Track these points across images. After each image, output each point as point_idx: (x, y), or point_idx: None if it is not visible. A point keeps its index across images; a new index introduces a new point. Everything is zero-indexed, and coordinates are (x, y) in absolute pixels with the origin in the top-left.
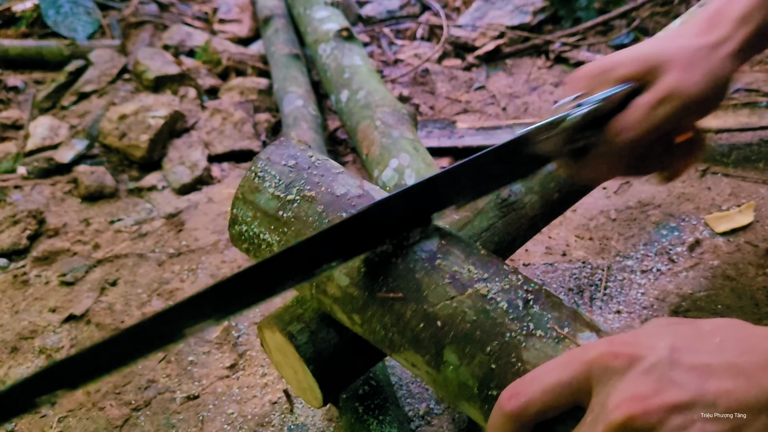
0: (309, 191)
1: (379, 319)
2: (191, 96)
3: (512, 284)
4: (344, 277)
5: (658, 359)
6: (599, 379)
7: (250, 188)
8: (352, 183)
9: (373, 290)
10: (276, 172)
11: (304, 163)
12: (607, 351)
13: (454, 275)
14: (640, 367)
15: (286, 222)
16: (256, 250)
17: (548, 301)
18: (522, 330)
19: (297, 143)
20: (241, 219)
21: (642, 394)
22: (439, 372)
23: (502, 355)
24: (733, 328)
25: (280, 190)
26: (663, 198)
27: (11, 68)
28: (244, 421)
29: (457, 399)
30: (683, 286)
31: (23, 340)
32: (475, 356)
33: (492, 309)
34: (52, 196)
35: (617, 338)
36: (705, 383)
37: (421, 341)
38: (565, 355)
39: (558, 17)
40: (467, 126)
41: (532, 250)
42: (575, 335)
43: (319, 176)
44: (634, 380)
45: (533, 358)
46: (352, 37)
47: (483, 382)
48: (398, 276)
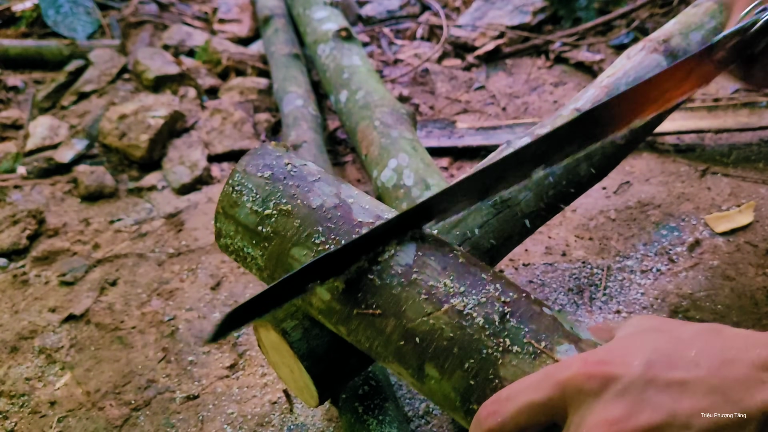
0: (285, 205)
1: (363, 331)
2: (191, 96)
3: (489, 296)
4: (326, 292)
5: (633, 379)
6: (573, 400)
7: (229, 202)
8: (328, 192)
9: (353, 306)
10: (252, 185)
11: (280, 173)
12: (580, 372)
13: (430, 290)
14: (614, 388)
15: (266, 237)
16: (243, 261)
17: (526, 312)
18: (498, 346)
19: (274, 148)
20: (224, 233)
21: (615, 418)
22: (423, 384)
23: (479, 372)
24: (713, 337)
25: (257, 204)
26: (663, 198)
27: (11, 68)
28: (244, 421)
29: (444, 408)
30: (683, 286)
31: (23, 339)
32: (454, 372)
33: (468, 325)
34: (51, 196)
35: (592, 356)
36: (679, 402)
37: (403, 355)
38: (541, 373)
39: (558, 17)
40: (467, 126)
41: (531, 250)
42: (553, 348)
43: (295, 187)
44: (608, 403)
45: (510, 374)
46: (351, 37)
47: (464, 396)
48: (375, 292)
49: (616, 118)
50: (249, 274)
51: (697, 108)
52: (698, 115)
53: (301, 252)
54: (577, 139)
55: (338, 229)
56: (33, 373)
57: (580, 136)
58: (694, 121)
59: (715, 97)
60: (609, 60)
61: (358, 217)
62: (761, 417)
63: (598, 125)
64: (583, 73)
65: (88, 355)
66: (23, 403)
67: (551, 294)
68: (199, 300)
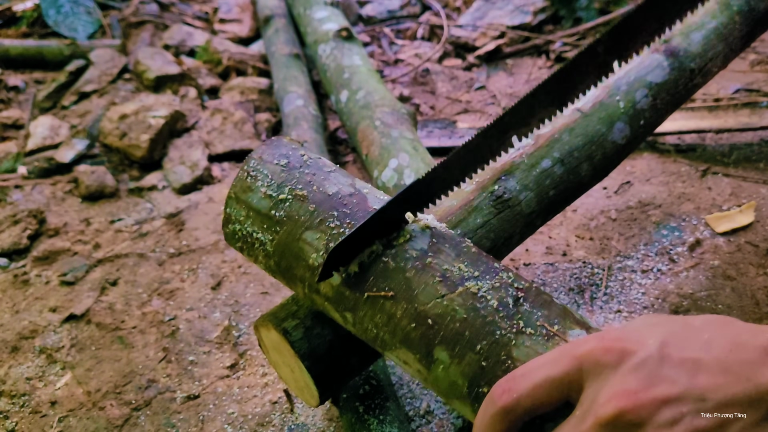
0: (301, 190)
1: (370, 318)
2: (192, 96)
3: (503, 282)
4: (336, 275)
5: (648, 354)
6: (590, 373)
7: (242, 188)
8: (344, 182)
9: (364, 290)
10: (268, 171)
11: (296, 162)
12: (598, 346)
13: (444, 273)
14: (631, 362)
15: (278, 221)
16: (249, 248)
17: (538, 298)
18: (512, 328)
19: (289, 141)
20: (234, 218)
21: (632, 389)
22: (430, 371)
23: (491, 354)
24: (723, 325)
25: (272, 189)
26: (663, 198)
27: (12, 68)
28: (245, 421)
29: (448, 397)
30: (684, 286)
31: (23, 339)
32: (465, 355)
33: (482, 307)
34: (52, 196)
35: (608, 334)
36: (695, 378)
37: (411, 340)
38: (556, 350)
39: (558, 17)
40: (468, 126)
41: (532, 250)
42: (565, 332)
43: (311, 175)
44: (625, 375)
45: (523, 355)
46: (351, 37)
47: (473, 381)
48: (389, 275)
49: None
50: (250, 274)
51: (698, 108)
52: (699, 115)
53: (314, 236)
54: (652, 23)
55: (354, 214)
56: (34, 372)
57: (654, 18)
58: (695, 121)
59: (716, 97)
60: None
61: (374, 205)
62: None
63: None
64: None
65: (89, 355)
66: (24, 402)
67: (552, 294)
68: (200, 300)
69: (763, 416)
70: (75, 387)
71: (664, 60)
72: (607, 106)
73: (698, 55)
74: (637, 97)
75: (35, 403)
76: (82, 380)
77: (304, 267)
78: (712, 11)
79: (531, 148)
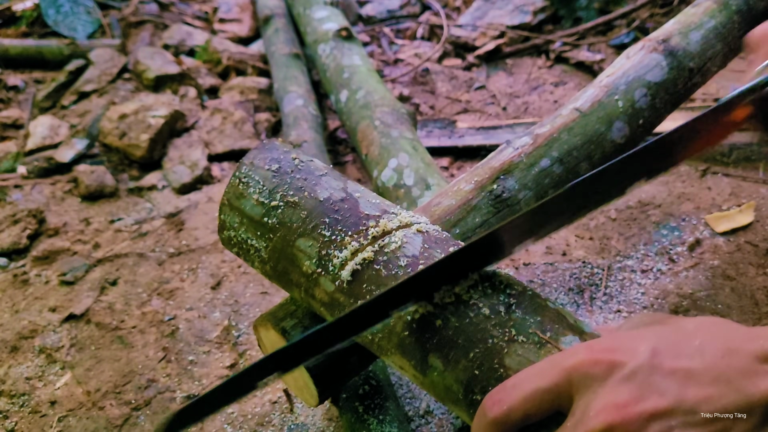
0: (292, 197)
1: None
2: (191, 95)
3: (495, 288)
4: (330, 283)
5: (639, 365)
6: (580, 385)
7: (235, 194)
8: (336, 186)
9: (358, 297)
10: (260, 177)
11: (288, 166)
12: (586, 358)
13: None
14: (620, 373)
15: (271, 228)
16: (245, 254)
17: (531, 304)
18: (504, 336)
19: (281, 144)
20: (228, 224)
21: (622, 402)
22: (426, 376)
23: (484, 361)
24: (716, 329)
25: (264, 196)
26: (663, 198)
27: (11, 67)
28: (244, 421)
29: (444, 401)
30: (683, 285)
31: (23, 339)
32: (459, 362)
33: (474, 315)
34: (52, 196)
35: (597, 344)
36: (685, 389)
37: (406, 347)
38: (546, 360)
39: (558, 17)
40: (467, 125)
41: (532, 250)
42: (558, 339)
43: (302, 180)
44: (614, 387)
45: (515, 364)
46: (351, 36)
47: (467, 387)
48: (381, 282)
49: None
50: (249, 273)
51: (698, 107)
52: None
53: (307, 243)
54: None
55: (345, 221)
56: (33, 372)
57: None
58: None
59: (715, 96)
60: (609, 60)
61: (365, 210)
62: (765, 406)
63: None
64: (583, 73)
65: (89, 355)
66: (23, 402)
67: (552, 294)
68: (200, 299)
69: (754, 426)
70: (75, 387)
71: (663, 59)
72: (605, 105)
73: (697, 55)
74: (635, 96)
75: (35, 403)
76: (82, 380)
77: (299, 273)
78: (710, 11)
79: (530, 148)
